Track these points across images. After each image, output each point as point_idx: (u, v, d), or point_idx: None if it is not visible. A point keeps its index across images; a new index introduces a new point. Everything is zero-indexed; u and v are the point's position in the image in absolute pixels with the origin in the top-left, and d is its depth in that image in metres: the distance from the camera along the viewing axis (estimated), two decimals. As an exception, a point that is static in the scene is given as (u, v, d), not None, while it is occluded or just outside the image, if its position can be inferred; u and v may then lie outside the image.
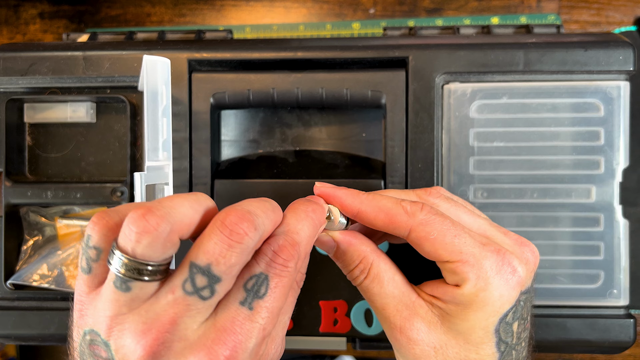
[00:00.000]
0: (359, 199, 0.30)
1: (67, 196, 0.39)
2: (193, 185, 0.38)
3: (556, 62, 0.37)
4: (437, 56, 0.38)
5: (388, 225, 0.29)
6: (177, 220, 0.23)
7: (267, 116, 0.41)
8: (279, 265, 0.25)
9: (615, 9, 0.53)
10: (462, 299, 0.28)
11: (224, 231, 0.23)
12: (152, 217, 0.22)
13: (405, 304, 0.29)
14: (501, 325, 0.28)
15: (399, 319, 0.29)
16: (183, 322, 0.23)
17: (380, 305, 0.30)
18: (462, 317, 0.28)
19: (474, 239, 0.28)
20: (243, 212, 0.23)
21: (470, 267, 0.28)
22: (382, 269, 0.30)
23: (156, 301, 0.23)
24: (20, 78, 0.39)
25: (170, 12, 0.56)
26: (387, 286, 0.30)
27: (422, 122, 0.38)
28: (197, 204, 0.25)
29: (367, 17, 0.55)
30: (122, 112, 0.41)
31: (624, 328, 0.38)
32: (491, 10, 0.54)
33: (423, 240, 0.28)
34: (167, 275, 0.24)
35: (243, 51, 0.38)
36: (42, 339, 0.40)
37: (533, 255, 0.30)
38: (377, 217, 0.29)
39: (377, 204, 0.29)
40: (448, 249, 0.28)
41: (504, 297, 0.28)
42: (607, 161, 0.38)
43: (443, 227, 0.28)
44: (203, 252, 0.23)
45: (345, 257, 0.30)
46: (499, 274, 0.28)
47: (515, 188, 0.38)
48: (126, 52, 0.39)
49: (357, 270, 0.30)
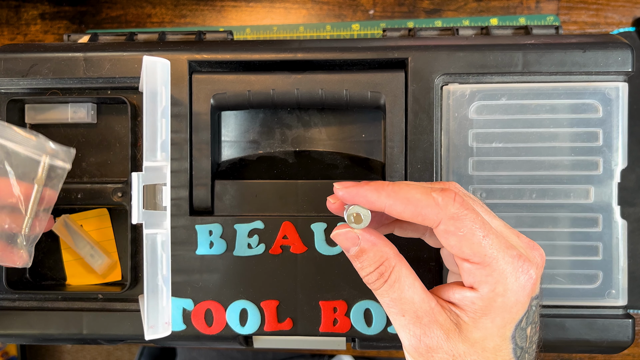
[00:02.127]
0: (385, 192, 0.29)
1: (68, 196, 0.39)
2: (193, 185, 0.39)
3: (555, 63, 0.37)
4: (437, 57, 0.38)
5: (416, 217, 0.28)
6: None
7: (267, 117, 0.42)
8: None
9: (614, 10, 0.53)
10: (480, 304, 0.28)
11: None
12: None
13: (425, 311, 0.29)
14: (517, 331, 0.29)
15: (419, 326, 0.29)
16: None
17: (399, 311, 0.29)
18: (479, 325, 0.28)
19: (500, 241, 0.28)
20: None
21: (491, 271, 0.28)
22: (403, 273, 0.29)
23: None
24: (21, 79, 0.39)
25: (170, 13, 0.56)
26: (407, 292, 0.29)
27: (422, 123, 0.38)
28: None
29: (367, 18, 0.55)
30: (122, 113, 0.41)
31: (623, 328, 0.38)
32: (490, 11, 0.54)
33: (450, 235, 0.28)
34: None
35: (243, 52, 0.39)
36: (43, 338, 0.40)
37: (542, 259, 0.30)
38: (405, 209, 0.28)
39: (405, 195, 0.28)
40: (474, 249, 0.28)
41: (520, 303, 0.28)
42: (606, 162, 0.38)
43: (474, 225, 0.28)
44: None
45: (366, 257, 0.30)
46: (517, 281, 0.28)
47: (514, 189, 0.38)
48: (127, 53, 0.39)
49: (377, 272, 0.29)
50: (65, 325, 0.39)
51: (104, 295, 0.40)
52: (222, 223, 0.38)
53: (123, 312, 0.39)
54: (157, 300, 0.33)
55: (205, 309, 0.38)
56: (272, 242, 0.38)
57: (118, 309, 0.40)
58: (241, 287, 0.38)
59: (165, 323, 0.33)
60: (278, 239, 0.38)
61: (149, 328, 0.33)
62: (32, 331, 0.39)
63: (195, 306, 0.38)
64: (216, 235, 0.38)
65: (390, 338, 0.38)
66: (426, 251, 0.38)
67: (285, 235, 0.38)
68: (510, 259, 0.28)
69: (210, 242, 0.38)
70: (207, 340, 0.39)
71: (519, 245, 0.29)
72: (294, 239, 0.38)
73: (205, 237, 0.38)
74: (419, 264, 0.38)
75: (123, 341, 0.41)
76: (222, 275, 0.38)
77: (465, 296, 0.28)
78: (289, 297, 0.38)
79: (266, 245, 0.38)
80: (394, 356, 0.58)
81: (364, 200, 0.29)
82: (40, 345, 0.63)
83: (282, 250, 0.38)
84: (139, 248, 0.40)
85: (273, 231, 0.38)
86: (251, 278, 0.38)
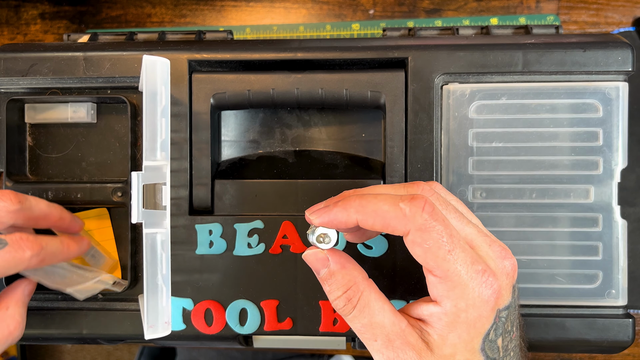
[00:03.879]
0: (353, 209, 0.29)
1: (68, 196, 0.39)
2: (193, 185, 0.39)
3: (555, 62, 0.37)
4: (437, 57, 0.38)
5: (386, 229, 0.28)
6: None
7: (267, 116, 0.42)
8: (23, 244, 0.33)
9: (614, 9, 0.53)
10: (446, 319, 0.28)
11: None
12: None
13: (396, 334, 0.29)
14: (485, 343, 0.29)
15: (391, 349, 0.29)
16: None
17: (371, 336, 0.29)
18: (447, 341, 0.28)
19: (466, 255, 0.28)
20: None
21: (453, 286, 0.28)
22: (372, 298, 0.29)
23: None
24: (21, 79, 0.39)
25: (170, 12, 0.56)
26: (378, 316, 0.29)
27: (422, 123, 0.38)
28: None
29: (367, 17, 0.55)
30: (122, 113, 0.41)
31: (623, 328, 0.38)
32: (490, 10, 0.54)
33: (417, 246, 0.28)
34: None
35: (243, 52, 0.39)
36: (42, 338, 0.40)
37: (513, 268, 0.30)
38: (375, 222, 0.28)
39: (373, 208, 0.28)
40: (438, 263, 0.28)
41: (483, 318, 0.28)
42: (606, 162, 0.38)
43: (441, 238, 0.27)
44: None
45: (334, 280, 0.30)
46: (480, 295, 0.28)
47: (514, 188, 0.38)
48: (127, 53, 0.39)
49: (344, 297, 0.29)
50: (65, 325, 0.39)
51: (103, 295, 0.40)
52: (222, 222, 0.38)
53: (123, 312, 0.39)
54: (156, 299, 0.33)
55: (205, 309, 0.38)
56: (272, 241, 0.38)
57: (118, 309, 0.40)
58: (241, 286, 0.38)
59: (165, 323, 0.33)
60: (278, 239, 0.38)
61: (149, 328, 0.33)
62: (32, 331, 0.39)
63: (195, 306, 0.38)
64: (216, 234, 0.38)
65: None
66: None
67: (285, 234, 0.38)
68: (474, 274, 0.28)
69: (210, 241, 0.38)
70: (207, 340, 0.39)
71: (488, 255, 0.29)
72: (294, 238, 0.38)
73: (205, 236, 0.38)
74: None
75: (123, 341, 0.41)
76: (221, 275, 0.38)
77: (432, 312, 0.29)
78: (289, 296, 0.38)
79: (266, 245, 0.38)
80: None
81: (337, 223, 0.29)
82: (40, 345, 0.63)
83: (282, 250, 0.38)
84: (138, 248, 0.40)
85: (273, 231, 0.38)
86: (251, 278, 0.38)
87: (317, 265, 0.30)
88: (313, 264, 0.30)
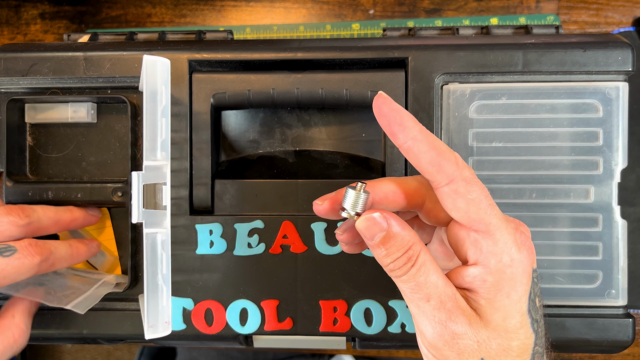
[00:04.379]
0: (418, 127, 0.28)
1: (68, 196, 0.39)
2: (193, 185, 0.39)
3: (555, 62, 0.37)
4: (437, 57, 0.38)
5: (433, 166, 0.27)
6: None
7: (267, 116, 0.42)
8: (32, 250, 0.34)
9: (614, 9, 0.53)
10: (491, 279, 0.28)
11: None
12: None
13: (448, 296, 0.28)
14: (530, 304, 0.29)
15: (444, 311, 0.28)
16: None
17: (424, 296, 0.28)
18: (496, 304, 0.28)
19: (501, 213, 0.28)
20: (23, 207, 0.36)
21: (496, 241, 0.27)
22: (428, 258, 0.29)
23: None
24: (21, 78, 0.39)
25: (170, 12, 0.56)
26: (432, 276, 0.28)
27: (422, 123, 0.37)
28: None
29: (367, 17, 0.55)
30: (122, 113, 0.41)
31: (623, 327, 0.38)
32: (490, 10, 0.54)
33: (460, 196, 0.27)
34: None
35: (243, 52, 0.39)
36: (43, 338, 0.40)
37: (528, 234, 0.30)
38: (428, 151, 0.27)
39: (433, 141, 0.28)
40: (481, 215, 0.27)
41: (526, 274, 0.28)
42: (606, 162, 0.38)
43: (482, 192, 0.27)
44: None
45: (393, 242, 0.28)
46: (520, 251, 0.28)
47: (514, 188, 0.38)
48: (127, 53, 0.39)
49: (405, 257, 0.28)
50: (65, 325, 0.39)
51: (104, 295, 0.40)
52: (222, 222, 0.38)
53: (123, 312, 0.39)
54: (157, 299, 0.33)
55: (206, 309, 0.38)
56: (272, 241, 0.38)
57: (118, 309, 0.40)
58: (241, 286, 0.38)
59: (165, 322, 0.33)
60: (278, 239, 0.38)
61: (149, 327, 0.33)
62: (32, 331, 0.39)
63: (195, 306, 0.38)
64: (216, 234, 0.38)
65: (391, 338, 0.38)
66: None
67: (285, 234, 0.38)
68: (513, 231, 0.28)
69: (211, 241, 0.38)
70: (207, 340, 0.39)
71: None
72: (294, 238, 0.38)
73: (205, 236, 0.38)
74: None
75: (123, 341, 0.41)
76: (222, 275, 0.38)
77: (475, 275, 0.28)
78: (289, 296, 0.38)
79: (266, 245, 0.38)
80: (394, 356, 0.58)
81: (399, 119, 0.28)
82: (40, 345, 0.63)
83: (282, 250, 0.38)
84: (139, 247, 0.40)
85: (273, 231, 0.38)
86: (251, 277, 0.38)
87: (374, 229, 0.28)
88: (369, 229, 0.28)
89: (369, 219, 0.28)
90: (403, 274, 0.29)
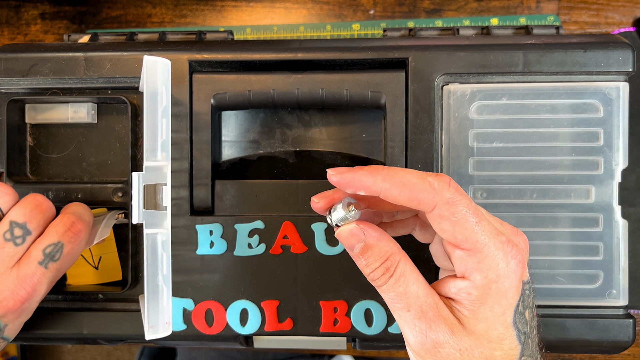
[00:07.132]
0: (380, 176, 0.28)
1: (68, 196, 0.39)
2: (194, 185, 0.39)
3: (555, 63, 0.37)
4: (437, 57, 0.38)
5: (412, 201, 0.28)
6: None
7: (267, 117, 0.42)
8: (74, 235, 0.35)
9: (614, 9, 0.53)
10: (476, 293, 0.28)
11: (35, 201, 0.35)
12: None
13: (429, 305, 0.29)
14: (516, 316, 0.29)
15: (425, 320, 0.28)
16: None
17: (404, 305, 0.29)
18: (480, 316, 0.28)
19: (490, 227, 0.28)
20: (43, 197, 0.36)
21: (482, 257, 0.28)
22: (407, 268, 0.29)
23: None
24: (22, 79, 0.39)
25: (171, 13, 0.56)
26: (412, 286, 0.29)
27: (422, 123, 0.38)
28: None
29: (367, 18, 0.55)
30: (123, 113, 0.41)
31: (623, 328, 0.38)
32: (491, 11, 0.54)
33: (444, 219, 0.28)
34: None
35: (244, 52, 0.39)
36: (42, 338, 0.40)
37: (526, 245, 0.30)
38: (401, 192, 0.28)
39: (401, 179, 0.28)
40: (467, 235, 0.28)
41: (514, 288, 0.28)
42: (606, 162, 0.38)
43: (467, 211, 0.28)
44: (21, 214, 0.34)
45: (371, 253, 0.29)
46: (508, 266, 0.28)
47: (515, 188, 0.38)
48: (127, 53, 0.39)
49: (382, 267, 0.29)
50: (65, 325, 0.39)
51: (104, 295, 0.40)
52: (223, 223, 0.38)
53: (123, 312, 0.39)
54: (157, 300, 0.33)
55: (206, 309, 0.38)
56: (273, 242, 0.38)
57: (118, 309, 0.40)
58: (241, 287, 0.38)
59: (165, 323, 0.33)
60: (278, 239, 0.38)
61: (150, 328, 0.33)
62: (32, 331, 0.39)
63: (195, 306, 0.38)
64: (217, 235, 0.38)
65: (391, 338, 0.38)
66: (426, 251, 0.37)
67: (285, 235, 0.38)
68: (501, 245, 0.28)
69: (211, 242, 0.38)
70: (207, 340, 0.39)
71: (505, 231, 0.30)
72: (294, 238, 0.38)
73: (205, 237, 0.38)
74: (419, 264, 0.38)
75: (123, 341, 0.41)
76: (222, 275, 0.38)
77: (461, 288, 0.28)
78: (290, 297, 0.38)
79: (266, 245, 0.38)
80: (394, 356, 0.58)
81: (359, 185, 0.29)
82: (40, 345, 0.63)
83: (282, 250, 0.38)
84: (139, 248, 0.40)
85: (273, 231, 0.38)
86: (251, 278, 0.38)
87: (352, 240, 0.29)
88: (348, 240, 0.30)
89: (347, 230, 0.30)
90: (383, 283, 0.29)
